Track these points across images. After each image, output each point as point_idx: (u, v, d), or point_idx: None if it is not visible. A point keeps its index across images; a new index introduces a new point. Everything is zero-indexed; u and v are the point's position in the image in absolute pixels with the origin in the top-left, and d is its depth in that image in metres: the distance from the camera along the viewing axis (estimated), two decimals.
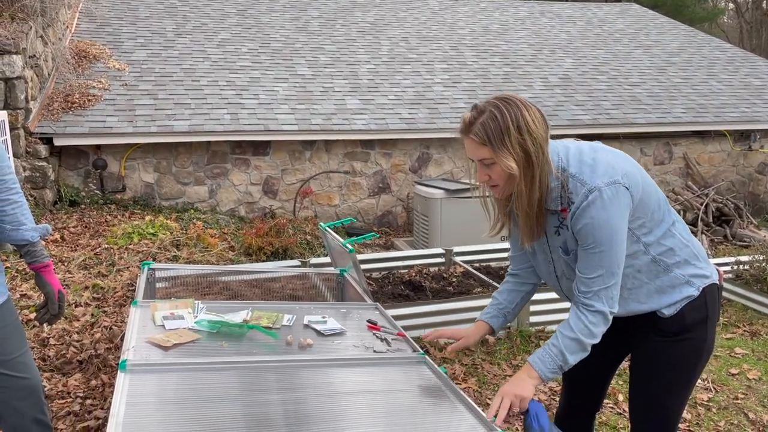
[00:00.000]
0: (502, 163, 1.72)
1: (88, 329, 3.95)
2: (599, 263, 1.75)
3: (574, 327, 1.79)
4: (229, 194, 7.26)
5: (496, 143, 1.71)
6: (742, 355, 4.19)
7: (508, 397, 1.82)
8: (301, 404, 1.93)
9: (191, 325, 2.46)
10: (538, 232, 1.84)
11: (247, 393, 1.99)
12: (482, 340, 4.25)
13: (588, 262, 1.77)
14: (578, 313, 1.80)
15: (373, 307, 2.93)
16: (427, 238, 6.36)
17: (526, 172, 1.73)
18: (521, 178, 1.73)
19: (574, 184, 1.75)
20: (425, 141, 7.76)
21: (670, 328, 1.88)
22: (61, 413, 3.12)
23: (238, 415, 1.84)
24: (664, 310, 1.87)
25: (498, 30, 11.01)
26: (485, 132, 1.71)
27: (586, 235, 1.74)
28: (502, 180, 1.76)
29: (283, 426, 1.80)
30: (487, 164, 1.76)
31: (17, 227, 2.17)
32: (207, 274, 3.59)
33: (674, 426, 1.99)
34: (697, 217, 7.53)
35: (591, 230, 1.72)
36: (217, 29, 9.38)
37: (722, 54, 10.95)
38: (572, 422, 2.22)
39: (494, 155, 1.72)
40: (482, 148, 1.73)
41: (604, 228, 1.72)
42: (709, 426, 3.31)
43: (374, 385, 2.13)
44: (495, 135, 1.70)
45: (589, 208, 1.71)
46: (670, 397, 1.93)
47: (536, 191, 1.75)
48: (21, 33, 6.03)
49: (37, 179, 6.09)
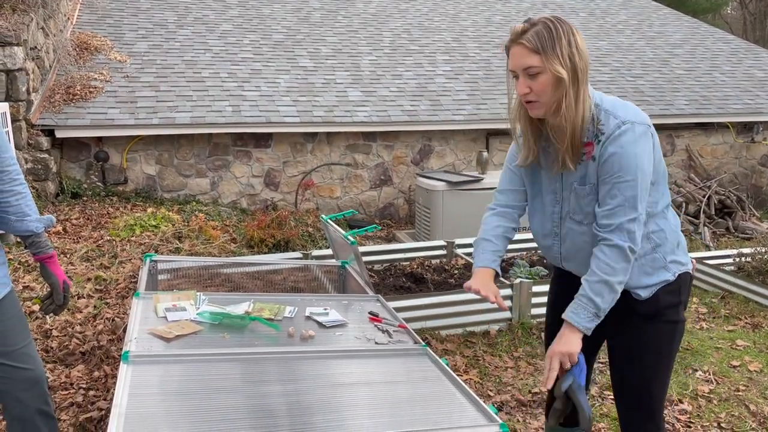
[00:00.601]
0: (552, 68, 1.73)
1: (90, 321, 3.96)
2: (623, 193, 1.76)
3: (596, 269, 1.80)
4: (231, 186, 7.26)
5: (548, 50, 1.73)
6: (743, 347, 4.19)
7: (556, 357, 1.83)
8: (303, 395, 1.94)
9: (193, 316, 2.47)
10: (573, 159, 1.81)
11: (249, 384, 2.00)
12: (484, 333, 4.27)
13: (611, 193, 1.77)
14: (598, 253, 1.81)
15: (375, 299, 2.93)
16: (428, 231, 6.36)
17: (573, 85, 1.75)
18: (569, 91, 1.75)
19: (606, 117, 1.78)
20: (427, 133, 7.75)
21: (647, 311, 1.90)
22: (64, 404, 3.13)
23: (240, 405, 1.85)
24: (640, 292, 1.90)
25: (500, 21, 10.96)
26: (538, 39, 1.74)
27: (613, 164, 1.75)
28: (545, 92, 1.76)
29: (285, 417, 1.81)
30: (531, 74, 1.76)
31: (22, 218, 2.17)
32: (209, 266, 3.60)
33: (660, 411, 2.01)
34: (700, 209, 7.52)
35: (619, 159, 1.74)
36: (219, 21, 9.35)
37: (726, 45, 10.90)
38: None
39: (544, 62, 1.74)
40: (532, 56, 1.75)
41: (631, 158, 1.74)
42: (710, 418, 3.31)
43: (376, 376, 2.14)
44: (548, 43, 1.73)
45: (620, 137, 1.74)
46: (652, 380, 1.96)
47: (581, 111, 1.76)
48: (22, 24, 6.02)
49: (39, 171, 6.10)
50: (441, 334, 4.19)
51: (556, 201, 1.92)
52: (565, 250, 1.93)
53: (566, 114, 1.76)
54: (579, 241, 1.89)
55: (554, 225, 1.94)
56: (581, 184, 1.84)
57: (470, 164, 7.89)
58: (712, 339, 4.32)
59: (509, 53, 1.82)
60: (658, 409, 1.99)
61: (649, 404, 1.97)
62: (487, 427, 1.79)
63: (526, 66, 1.76)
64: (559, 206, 1.91)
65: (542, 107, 1.80)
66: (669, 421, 3.26)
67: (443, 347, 4.02)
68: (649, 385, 1.96)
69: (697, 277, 5.44)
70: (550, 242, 1.98)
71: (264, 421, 1.77)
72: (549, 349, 1.86)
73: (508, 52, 1.83)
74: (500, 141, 8.02)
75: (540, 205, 1.98)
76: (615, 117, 1.78)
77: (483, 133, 7.93)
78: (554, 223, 1.94)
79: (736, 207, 7.66)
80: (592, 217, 1.84)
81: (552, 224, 1.95)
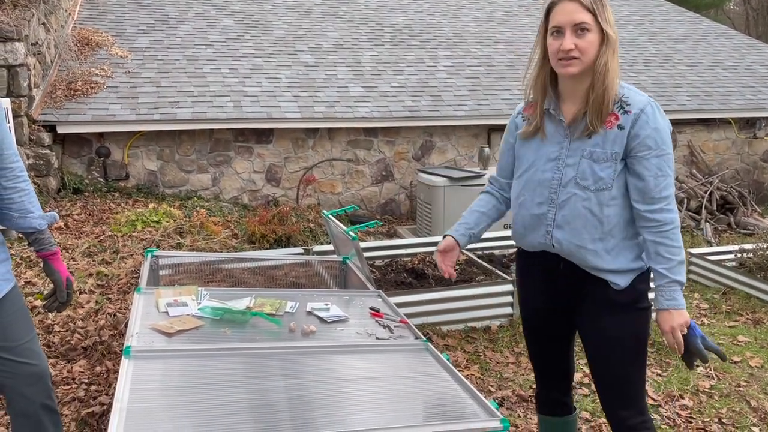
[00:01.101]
0: (606, 27, 1.83)
1: (92, 316, 3.97)
2: (667, 166, 1.88)
3: (668, 255, 1.88)
4: (232, 182, 7.26)
5: (600, 11, 1.83)
6: (744, 343, 4.20)
7: (677, 330, 1.89)
8: (304, 390, 1.94)
9: (194, 311, 2.47)
10: (600, 123, 1.88)
11: (250, 379, 2.00)
12: (485, 328, 4.27)
13: (654, 170, 1.86)
14: (664, 240, 1.88)
15: (376, 295, 2.94)
16: (430, 226, 6.36)
17: (611, 50, 1.85)
18: (615, 54, 1.86)
19: (628, 91, 1.90)
20: (428, 129, 7.74)
21: (624, 300, 1.95)
22: (66, 399, 3.14)
23: (242, 400, 1.85)
24: (618, 281, 1.94)
25: (502, 17, 10.94)
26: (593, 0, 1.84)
27: (654, 140, 1.85)
28: (588, 51, 1.84)
29: (286, 412, 1.81)
30: (580, 30, 1.83)
31: (25, 215, 2.18)
32: (210, 262, 3.60)
33: (643, 396, 2.05)
34: (701, 204, 7.51)
35: (657, 135, 1.86)
36: (220, 16, 9.34)
37: (728, 41, 10.87)
38: (551, 400, 2.30)
39: (595, 22, 1.83)
40: (585, 13, 1.83)
41: (665, 132, 1.88)
42: (710, 413, 3.32)
43: (377, 371, 2.14)
44: (600, 5, 1.84)
45: (656, 114, 1.87)
46: (633, 367, 2.00)
47: (617, 78, 1.87)
48: (23, 20, 6.02)
49: (41, 167, 6.10)
50: (442, 330, 4.20)
51: (557, 168, 1.96)
52: (560, 217, 1.96)
53: (610, 75, 1.86)
54: (579, 207, 1.93)
55: (551, 192, 1.97)
56: (602, 148, 1.90)
57: (472, 160, 7.88)
58: (713, 335, 4.33)
59: (554, 9, 1.88)
60: (641, 394, 2.04)
61: (632, 390, 2.02)
62: (489, 422, 1.79)
63: (579, 21, 1.83)
64: (560, 173, 1.95)
65: (581, 65, 1.86)
66: (670, 417, 3.27)
67: (444, 343, 4.03)
68: (631, 371, 2.01)
69: (698, 273, 5.44)
70: (544, 210, 1.99)
71: (265, 416, 1.78)
72: (663, 324, 1.90)
73: (551, 9, 1.89)
74: (502, 136, 7.99)
75: (534, 173, 2.02)
76: (638, 95, 1.90)
77: (484, 129, 7.92)
78: (552, 190, 1.97)
79: (738, 203, 7.65)
80: (604, 183, 1.90)
81: (549, 191, 1.97)
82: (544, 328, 2.18)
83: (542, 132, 2.01)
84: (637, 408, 2.02)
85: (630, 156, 1.89)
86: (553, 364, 2.24)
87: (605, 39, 1.84)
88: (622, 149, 1.88)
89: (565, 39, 1.84)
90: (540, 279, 2.12)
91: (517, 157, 2.11)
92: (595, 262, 1.95)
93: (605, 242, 1.93)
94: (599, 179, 1.89)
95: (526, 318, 2.24)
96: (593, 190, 1.90)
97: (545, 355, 2.23)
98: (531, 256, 2.12)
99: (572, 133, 1.95)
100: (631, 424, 2.01)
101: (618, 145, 1.88)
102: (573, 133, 1.95)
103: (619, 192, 1.91)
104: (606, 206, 1.90)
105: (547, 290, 2.12)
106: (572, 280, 2.02)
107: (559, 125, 1.98)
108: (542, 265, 2.09)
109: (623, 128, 1.88)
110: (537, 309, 2.18)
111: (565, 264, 2.02)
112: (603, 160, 1.89)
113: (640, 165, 1.88)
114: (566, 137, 1.96)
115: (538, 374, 2.30)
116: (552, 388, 2.28)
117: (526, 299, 2.21)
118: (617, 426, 2.05)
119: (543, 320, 2.18)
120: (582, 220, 1.93)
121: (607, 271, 1.95)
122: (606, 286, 1.96)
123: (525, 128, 2.06)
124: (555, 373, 2.25)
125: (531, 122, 2.04)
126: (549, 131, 2.00)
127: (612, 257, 1.94)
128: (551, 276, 2.07)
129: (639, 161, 1.88)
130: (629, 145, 1.88)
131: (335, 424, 1.76)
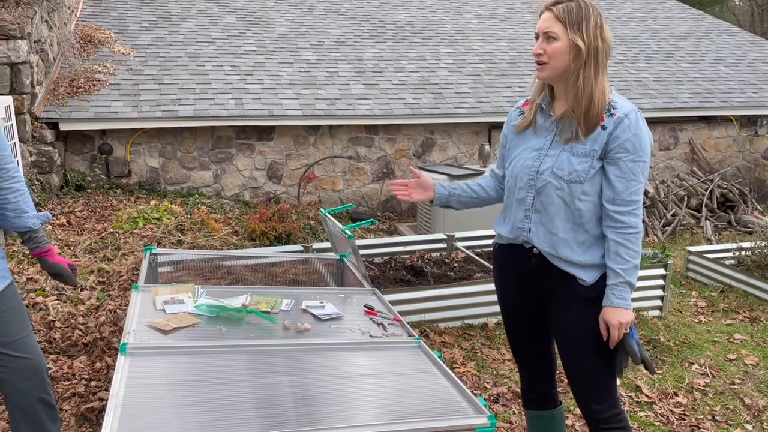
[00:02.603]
0: (572, 38, 1.93)
1: (93, 312, 4.01)
2: (641, 173, 1.97)
3: (626, 256, 1.97)
4: (234, 179, 7.30)
5: (572, 23, 1.94)
6: (740, 341, 4.21)
7: (623, 327, 1.98)
8: (298, 387, 1.98)
9: (191, 309, 2.51)
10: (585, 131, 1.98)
11: (245, 375, 2.04)
12: (482, 325, 4.30)
13: (633, 170, 1.95)
14: (624, 242, 1.97)
15: (371, 293, 2.97)
16: (429, 224, 6.39)
17: (593, 63, 1.95)
18: (588, 65, 1.95)
19: (617, 99, 2.01)
20: (429, 126, 7.76)
21: (589, 295, 2.04)
22: (66, 394, 3.19)
23: (236, 396, 1.89)
24: (586, 278, 2.03)
25: (504, 14, 10.94)
26: (566, 12, 1.95)
27: (633, 144, 1.94)
28: (555, 57, 1.96)
29: (279, 408, 1.85)
30: (548, 37, 1.97)
31: (20, 215, 2.21)
32: (209, 259, 3.64)
33: (615, 387, 2.12)
34: (702, 202, 7.51)
35: (636, 140, 1.95)
36: (222, 13, 9.37)
37: (730, 38, 10.85)
38: (536, 392, 2.37)
39: (564, 32, 1.94)
40: (555, 24, 1.96)
41: (645, 140, 1.96)
42: (704, 410, 3.34)
43: (369, 368, 2.18)
44: (575, 17, 1.95)
45: (638, 121, 1.96)
46: (598, 360, 2.07)
47: (599, 90, 1.96)
48: (26, 18, 6.06)
49: (44, 164, 6.15)
50: (439, 327, 4.23)
51: (538, 157, 2.07)
52: (538, 203, 2.07)
53: (583, 85, 1.96)
54: (553, 194, 2.03)
55: (530, 178, 2.08)
56: (582, 144, 2.01)
57: (472, 157, 7.90)
58: (709, 333, 4.35)
59: (540, 17, 2.03)
60: (610, 388, 2.11)
61: (600, 383, 2.09)
62: (476, 419, 1.82)
63: (547, 29, 1.97)
64: (539, 162, 2.06)
65: (549, 70, 1.99)
66: (663, 414, 3.29)
67: (441, 340, 4.06)
68: (597, 364, 2.08)
69: (696, 271, 5.46)
70: (523, 195, 2.11)
71: (260, 412, 1.81)
72: (610, 318, 1.98)
73: (540, 16, 2.04)
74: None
75: (518, 160, 2.14)
76: (623, 101, 2.00)
77: (485, 127, 7.93)
78: (530, 176, 2.08)
79: (739, 201, 7.64)
80: (578, 176, 1.99)
81: (528, 177, 2.08)
82: (521, 322, 2.27)
83: (534, 125, 2.13)
84: (608, 401, 2.09)
85: (608, 156, 1.98)
86: (533, 358, 2.32)
87: (577, 50, 1.94)
88: (601, 148, 1.98)
89: (536, 44, 2.01)
90: (513, 273, 2.22)
91: (509, 148, 2.22)
92: (565, 252, 2.04)
93: (576, 233, 2.04)
94: (574, 171, 1.99)
95: (503, 312, 2.33)
96: (566, 180, 2.00)
97: (525, 348, 2.31)
98: (506, 251, 2.22)
99: (558, 129, 2.06)
100: (603, 417, 2.09)
101: (598, 144, 1.98)
102: (558, 130, 2.06)
103: (593, 189, 2.00)
104: (577, 199, 2.01)
105: (519, 284, 2.21)
106: (542, 275, 2.11)
107: (548, 120, 2.10)
108: (515, 260, 2.18)
109: (605, 128, 1.98)
110: (513, 303, 2.26)
111: (536, 259, 2.11)
112: (581, 155, 2.00)
113: (616, 166, 1.97)
114: (552, 132, 2.08)
115: (521, 368, 2.38)
116: (536, 382, 2.34)
117: (503, 293, 2.30)
118: (590, 419, 2.13)
119: (519, 314, 2.26)
120: (555, 208, 2.04)
121: (575, 264, 2.04)
122: (573, 282, 2.05)
123: (520, 121, 2.18)
124: (537, 366, 2.32)
125: (526, 116, 2.16)
126: (539, 125, 2.12)
127: (582, 250, 2.04)
128: (523, 271, 2.17)
129: (615, 162, 1.97)
130: (608, 146, 1.97)
131: (325, 421, 1.79)
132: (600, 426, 2.11)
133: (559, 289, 2.09)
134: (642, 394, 3.48)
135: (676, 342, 4.13)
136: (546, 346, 2.30)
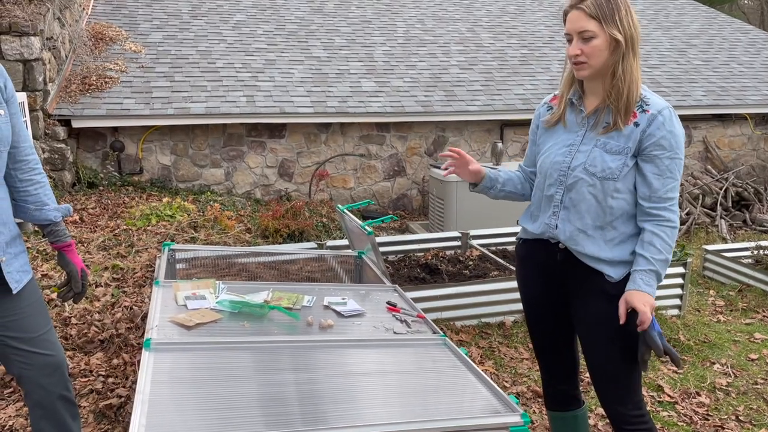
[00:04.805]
0: (610, 32, 1.88)
1: (108, 309, 3.99)
2: (677, 170, 1.94)
3: (660, 248, 1.93)
4: (245, 177, 7.28)
5: (605, 18, 1.88)
6: (761, 340, 4.16)
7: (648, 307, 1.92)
8: (321, 383, 1.94)
9: (213, 305, 2.48)
10: (624, 120, 1.94)
11: (270, 372, 2.01)
12: (499, 324, 4.26)
13: (670, 168, 1.93)
14: (659, 233, 1.94)
15: (392, 289, 2.93)
16: (442, 222, 6.35)
17: (630, 53, 1.91)
18: (627, 56, 1.91)
19: (648, 93, 1.96)
20: (441, 124, 7.72)
21: (616, 291, 1.99)
22: (84, 391, 3.16)
23: (262, 393, 1.86)
24: (613, 274, 1.99)
25: (515, 11, 10.88)
26: (597, 6, 1.89)
27: (669, 142, 1.91)
28: (595, 55, 1.91)
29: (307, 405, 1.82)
30: (585, 38, 1.91)
31: (41, 207, 2.19)
32: (226, 256, 3.61)
33: (638, 393, 2.07)
34: (716, 201, 7.44)
35: (672, 137, 1.92)
36: (233, 11, 9.35)
37: (743, 36, 10.76)
38: (559, 394, 2.32)
39: (600, 28, 1.89)
40: (589, 21, 1.90)
41: (680, 138, 1.94)
42: (728, 411, 3.29)
43: (395, 366, 2.14)
44: (606, 10, 1.89)
45: (672, 118, 1.93)
46: (622, 360, 2.02)
47: (636, 78, 1.92)
48: (38, 15, 6.05)
49: (56, 161, 6.14)
50: (456, 325, 4.19)
51: (569, 153, 2.03)
52: (567, 199, 2.03)
53: (623, 77, 1.91)
54: (584, 191, 1.99)
55: (560, 174, 2.04)
56: (616, 141, 1.97)
57: (485, 155, 7.86)
58: (729, 332, 4.29)
59: (566, 17, 1.97)
60: (635, 389, 2.06)
61: (625, 383, 2.05)
62: (509, 417, 1.78)
63: (582, 29, 1.91)
64: (571, 158, 2.02)
65: (589, 69, 1.94)
66: (686, 414, 3.25)
67: (458, 338, 4.02)
68: (620, 363, 2.03)
69: (714, 270, 5.40)
70: (553, 191, 2.07)
71: (286, 409, 1.78)
72: (636, 301, 1.92)
73: (565, 17, 1.97)
74: (515, 132, 7.97)
75: (548, 156, 2.10)
76: (657, 98, 1.96)
77: (497, 124, 7.89)
78: (561, 172, 2.04)
79: (754, 199, 7.58)
80: (611, 173, 1.96)
81: (558, 173, 2.05)
82: (544, 318, 2.22)
83: (563, 120, 2.09)
84: (632, 402, 2.05)
85: (642, 154, 1.94)
86: (556, 357, 2.27)
87: (616, 43, 1.90)
88: (635, 145, 1.94)
89: (572, 46, 1.95)
90: (537, 268, 2.18)
91: (538, 144, 2.19)
92: (592, 249, 2.00)
93: (605, 231, 2.00)
94: (607, 168, 1.96)
95: (526, 308, 2.28)
96: (599, 177, 1.96)
97: (548, 347, 2.27)
98: (530, 246, 2.18)
99: (590, 124, 2.02)
100: (628, 419, 2.04)
101: (632, 141, 1.94)
102: (591, 125, 2.02)
103: (626, 187, 1.97)
104: (609, 197, 1.97)
105: (543, 279, 2.17)
106: (568, 270, 2.07)
107: (579, 115, 2.06)
108: (540, 255, 2.14)
109: (639, 125, 1.94)
110: (536, 298, 2.22)
111: (561, 254, 2.07)
112: (615, 152, 1.96)
113: (652, 164, 1.94)
114: (584, 127, 2.04)
115: (543, 367, 2.33)
116: (558, 382, 2.30)
117: (526, 289, 2.26)
118: (614, 420, 2.08)
119: (542, 309, 2.22)
120: (586, 205, 1.99)
121: (603, 261, 2.00)
122: (600, 277, 2.01)
123: (549, 117, 2.14)
124: (559, 366, 2.28)
125: (555, 111, 2.12)
126: (569, 120, 2.08)
127: (609, 247, 2.00)
128: (549, 266, 2.13)
129: (651, 160, 1.94)
130: (642, 143, 1.94)
131: (353, 418, 1.75)
132: (623, 427, 2.06)
133: (585, 284, 2.05)
134: (664, 393, 3.44)
135: (696, 341, 4.08)
136: (568, 344, 2.26)
